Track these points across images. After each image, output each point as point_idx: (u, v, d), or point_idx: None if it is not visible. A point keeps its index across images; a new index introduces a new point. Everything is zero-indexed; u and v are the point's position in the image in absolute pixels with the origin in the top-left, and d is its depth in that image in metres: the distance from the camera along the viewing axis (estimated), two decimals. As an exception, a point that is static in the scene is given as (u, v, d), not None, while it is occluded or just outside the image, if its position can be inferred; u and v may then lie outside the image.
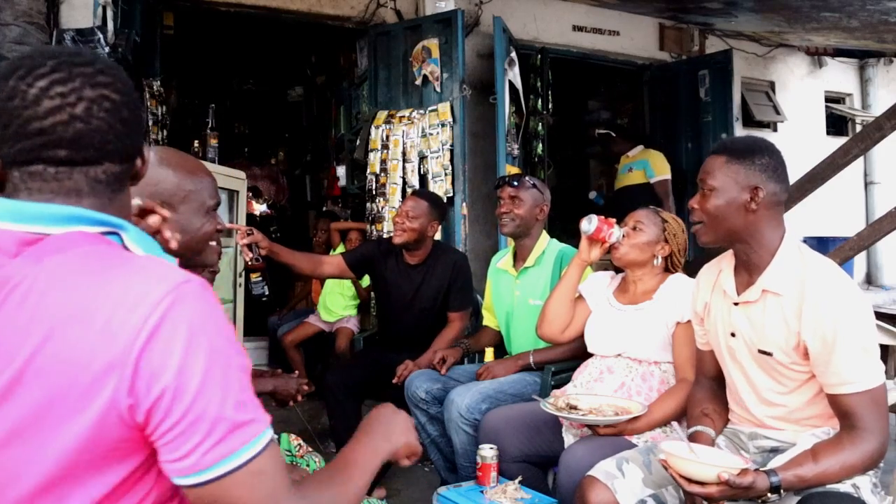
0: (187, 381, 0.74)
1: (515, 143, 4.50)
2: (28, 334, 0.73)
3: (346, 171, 5.18)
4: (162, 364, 0.73)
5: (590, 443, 1.94)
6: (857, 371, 1.45)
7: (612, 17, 5.40)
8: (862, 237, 3.74)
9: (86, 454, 0.74)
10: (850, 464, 1.45)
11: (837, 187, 5.09)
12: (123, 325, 0.73)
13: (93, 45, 3.27)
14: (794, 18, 5.11)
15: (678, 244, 2.21)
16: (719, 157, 1.62)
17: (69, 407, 0.73)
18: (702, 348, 1.85)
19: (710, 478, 1.40)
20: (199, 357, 0.75)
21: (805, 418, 1.61)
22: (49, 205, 0.81)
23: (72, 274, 0.76)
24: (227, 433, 0.75)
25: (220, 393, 0.75)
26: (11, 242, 0.78)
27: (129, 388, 0.73)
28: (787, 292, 1.55)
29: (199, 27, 5.31)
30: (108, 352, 0.73)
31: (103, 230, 0.83)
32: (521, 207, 2.68)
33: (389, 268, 3.10)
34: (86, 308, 0.74)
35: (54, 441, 0.73)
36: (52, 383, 0.73)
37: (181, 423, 0.74)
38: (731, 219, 1.59)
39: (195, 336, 0.75)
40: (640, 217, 2.22)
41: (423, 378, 2.69)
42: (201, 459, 0.75)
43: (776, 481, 1.41)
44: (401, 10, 4.62)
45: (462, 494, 2.05)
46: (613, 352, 2.17)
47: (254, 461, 0.77)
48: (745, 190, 1.57)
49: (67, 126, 0.81)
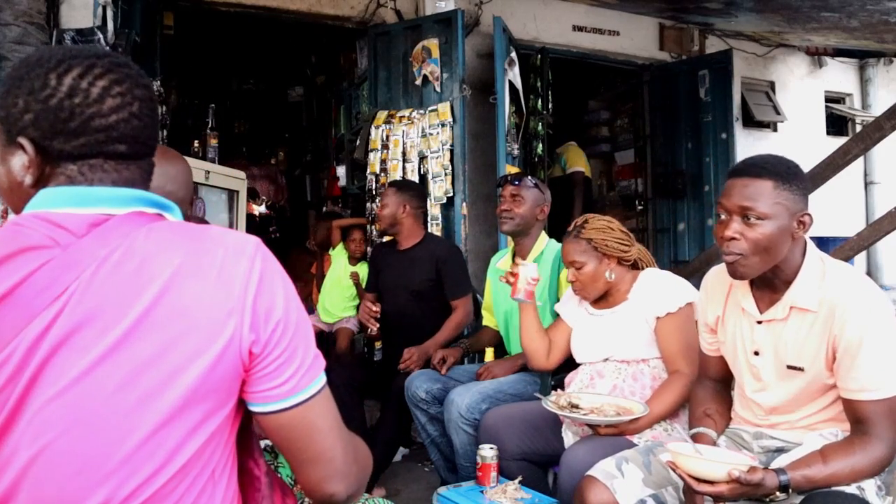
0: (290, 315, 0.88)
1: (515, 143, 4.50)
2: (139, 293, 0.81)
3: (346, 171, 5.18)
4: (272, 303, 0.87)
5: (590, 442, 1.94)
6: (878, 379, 1.44)
7: (612, 17, 5.40)
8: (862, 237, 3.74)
9: (200, 392, 0.83)
10: (860, 468, 1.44)
11: (837, 187, 5.09)
12: (234, 274, 0.85)
13: (93, 46, 3.27)
14: (794, 18, 5.11)
15: (615, 248, 2.15)
16: (765, 182, 1.47)
17: (191, 349, 0.82)
18: (709, 354, 1.82)
19: (720, 476, 1.39)
20: (293, 297, 0.90)
21: (816, 423, 1.60)
22: (114, 188, 0.89)
23: (170, 240, 0.85)
24: (313, 360, 0.90)
25: (307, 327, 0.91)
26: (81, 224, 0.85)
27: (251, 325, 0.85)
28: (815, 306, 1.51)
29: (199, 27, 5.31)
30: (227, 298, 0.84)
31: (157, 211, 0.92)
32: (521, 206, 2.68)
33: (384, 258, 3.26)
34: (196, 264, 0.84)
35: (175, 381, 0.81)
36: (173, 330, 0.81)
37: (287, 351, 0.87)
38: (781, 249, 1.48)
39: (285, 280, 0.90)
40: (571, 256, 2.17)
41: (423, 378, 2.69)
42: (299, 382, 0.88)
43: (785, 480, 1.41)
44: (401, 10, 4.62)
45: (462, 494, 2.05)
46: (600, 357, 2.17)
47: (326, 387, 0.92)
48: (795, 217, 1.48)
49: (128, 123, 0.89)
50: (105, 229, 0.85)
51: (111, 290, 0.81)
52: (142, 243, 0.84)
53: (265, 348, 0.86)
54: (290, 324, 0.88)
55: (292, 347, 0.88)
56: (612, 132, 6.70)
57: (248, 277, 0.86)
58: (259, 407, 0.89)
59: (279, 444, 0.92)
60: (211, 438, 0.85)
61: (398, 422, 2.91)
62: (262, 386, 0.87)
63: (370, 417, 3.15)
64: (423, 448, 2.85)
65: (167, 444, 0.81)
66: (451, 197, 4.05)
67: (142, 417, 0.80)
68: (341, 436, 0.94)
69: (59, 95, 0.85)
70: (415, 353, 2.85)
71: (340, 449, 0.93)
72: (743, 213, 1.48)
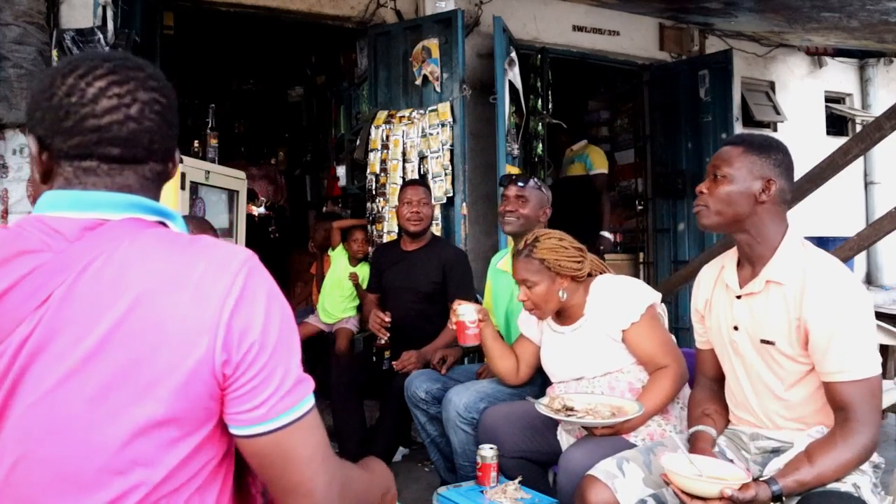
0: (268, 337, 0.84)
1: (515, 143, 4.49)
2: (112, 303, 0.79)
3: (346, 171, 5.17)
4: (249, 322, 0.83)
5: (588, 443, 1.94)
6: (855, 359, 1.47)
7: (612, 17, 5.40)
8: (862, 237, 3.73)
9: (175, 409, 0.80)
10: (845, 460, 1.46)
11: (837, 187, 5.08)
12: (212, 290, 0.82)
13: (93, 45, 3.28)
14: (794, 18, 5.11)
15: (567, 267, 2.11)
16: (737, 148, 1.66)
17: (163, 364, 0.79)
18: (702, 347, 1.86)
19: (713, 494, 1.41)
20: (275, 317, 0.85)
21: (804, 415, 1.61)
22: (109, 192, 0.88)
23: (152, 250, 0.84)
24: (293, 385, 0.85)
25: (289, 349, 0.86)
26: (74, 228, 0.85)
27: (223, 345, 0.81)
28: (789, 281, 1.58)
29: (199, 27, 5.31)
30: (202, 314, 0.81)
31: (158, 219, 0.91)
32: (526, 207, 2.69)
33: (388, 259, 3.25)
34: (174, 277, 0.82)
35: (147, 396, 0.79)
36: (145, 343, 0.79)
37: (261, 374, 0.83)
38: (739, 206, 1.62)
39: (271, 299, 0.85)
40: (523, 276, 2.14)
41: (423, 378, 2.69)
42: (274, 407, 0.84)
43: (777, 490, 1.43)
44: (401, 10, 4.62)
45: (462, 494, 2.05)
46: (573, 376, 2.17)
47: (309, 414, 0.87)
48: (759, 180, 1.61)
49: (122, 125, 0.87)
50: (96, 235, 0.84)
51: (87, 298, 0.80)
52: (124, 251, 0.83)
53: (237, 369, 0.82)
54: (268, 346, 0.83)
55: (268, 370, 0.83)
56: (612, 132, 6.70)
57: (226, 294, 0.82)
58: (234, 429, 0.85)
59: (256, 471, 0.89)
60: (193, 454, 0.83)
61: (398, 422, 2.91)
62: (236, 408, 0.84)
63: (370, 417, 3.15)
64: (423, 448, 2.85)
65: (143, 457, 0.80)
66: (450, 197, 4.05)
67: (114, 430, 0.79)
68: (325, 468, 0.88)
69: (59, 94, 0.86)
70: (413, 356, 2.85)
71: (322, 483, 0.87)
72: (713, 172, 1.67)
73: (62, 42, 3.30)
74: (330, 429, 3.58)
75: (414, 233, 3.13)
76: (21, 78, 3.37)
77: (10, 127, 3.40)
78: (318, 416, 0.89)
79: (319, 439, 0.88)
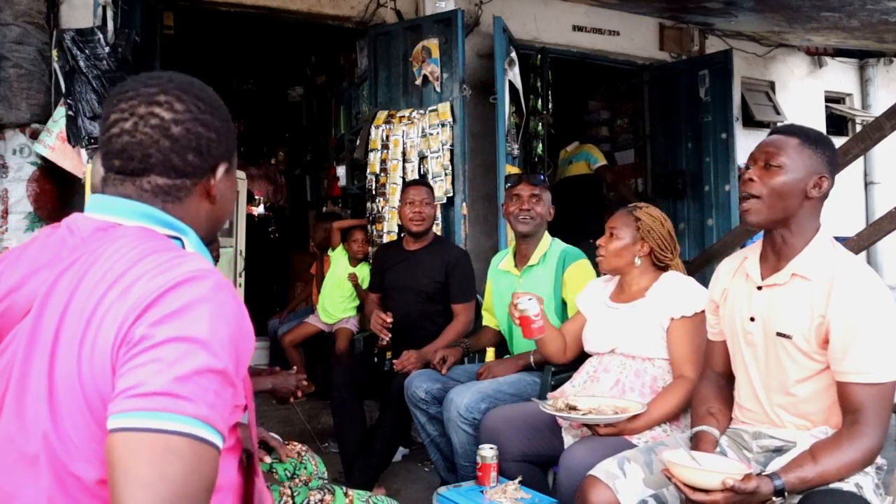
0: (152, 335, 0.78)
1: (515, 143, 4.49)
2: (67, 295, 0.85)
3: (346, 171, 5.18)
4: (146, 318, 0.79)
5: (589, 443, 1.94)
6: (875, 362, 1.47)
7: (612, 17, 5.40)
8: (862, 237, 3.73)
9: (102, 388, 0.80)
10: (849, 461, 1.45)
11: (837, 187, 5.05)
12: (139, 289, 0.81)
13: (92, 46, 3.27)
14: (794, 18, 5.11)
15: (655, 239, 2.19)
16: (792, 139, 1.60)
17: (80, 352, 0.81)
18: (713, 339, 1.85)
19: (715, 485, 1.40)
20: (176, 324, 0.78)
21: (810, 413, 1.61)
22: (123, 199, 0.93)
23: (118, 254, 0.86)
24: (153, 392, 0.75)
25: (171, 359, 0.76)
26: (90, 227, 0.92)
27: (121, 340, 0.79)
28: (816, 277, 1.57)
29: (199, 27, 5.31)
30: (119, 310, 0.80)
31: (169, 232, 0.93)
32: (540, 205, 2.70)
33: (390, 258, 3.26)
34: (118, 274, 0.83)
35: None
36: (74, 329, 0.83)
37: (125, 367, 0.77)
38: (790, 199, 1.58)
39: (186, 307, 0.79)
40: (615, 223, 2.22)
41: (423, 378, 2.69)
42: (121, 403, 0.75)
43: (780, 485, 1.42)
44: (401, 10, 4.61)
45: (462, 494, 2.05)
46: (607, 348, 2.18)
47: (171, 436, 0.73)
48: (813, 175, 1.58)
49: (118, 138, 0.93)
50: (104, 235, 0.91)
51: (59, 293, 0.86)
52: (103, 253, 0.87)
53: (118, 355, 0.79)
54: (148, 341, 0.77)
55: (136, 363, 0.77)
56: (612, 132, 6.70)
57: (152, 291, 0.81)
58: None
59: None
60: None
61: (398, 422, 2.91)
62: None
63: (370, 417, 3.15)
64: (423, 448, 2.85)
65: None
66: (451, 197, 4.05)
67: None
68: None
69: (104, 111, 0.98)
70: (413, 356, 2.84)
71: None
72: (766, 161, 1.59)
73: (62, 42, 3.29)
74: (330, 428, 3.58)
75: (416, 233, 3.14)
76: (21, 78, 3.37)
77: (9, 127, 3.40)
78: (199, 455, 0.75)
79: (179, 476, 0.73)
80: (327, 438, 3.60)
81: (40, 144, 3.36)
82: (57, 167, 3.36)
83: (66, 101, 3.28)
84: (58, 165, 3.35)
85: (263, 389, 1.94)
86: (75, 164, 3.33)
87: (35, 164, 3.42)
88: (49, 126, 3.35)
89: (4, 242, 3.37)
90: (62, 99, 3.32)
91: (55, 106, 3.39)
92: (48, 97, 3.44)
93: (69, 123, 3.25)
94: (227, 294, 0.84)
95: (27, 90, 3.39)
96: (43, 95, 3.44)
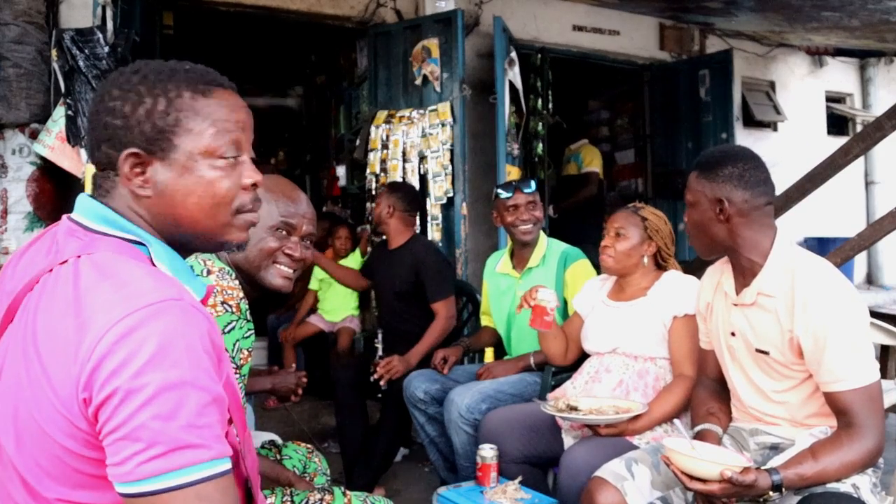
0: (140, 389, 0.73)
1: (515, 143, 4.49)
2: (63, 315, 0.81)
3: (345, 171, 5.18)
4: (122, 365, 0.74)
5: (590, 443, 1.93)
6: (849, 368, 1.47)
7: (612, 17, 5.40)
8: (862, 237, 3.73)
9: (68, 437, 0.78)
10: (850, 461, 1.45)
11: (838, 187, 5.08)
12: (99, 322, 0.76)
13: (92, 45, 3.27)
14: (795, 18, 5.11)
15: (663, 238, 2.20)
16: (693, 173, 1.68)
17: (44, 397, 0.78)
18: (704, 347, 1.86)
19: (713, 475, 1.40)
20: (160, 370, 0.74)
21: (805, 416, 1.61)
22: (95, 202, 0.92)
23: (79, 273, 0.82)
24: (169, 450, 0.73)
25: (171, 410, 0.74)
26: (64, 230, 0.90)
27: (86, 382, 0.75)
28: (779, 293, 1.57)
29: (199, 27, 5.31)
30: (80, 344, 0.76)
31: (128, 237, 0.89)
32: (538, 209, 2.71)
33: (378, 258, 3.32)
34: (76, 301, 0.79)
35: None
36: (26, 360, 0.81)
37: (123, 428, 0.73)
38: (709, 230, 1.64)
39: (163, 349, 0.75)
40: (620, 223, 2.19)
41: (422, 378, 2.68)
42: (137, 469, 0.73)
43: (778, 479, 1.41)
44: (401, 10, 4.61)
45: (462, 494, 2.05)
46: (608, 348, 2.16)
47: (198, 486, 0.74)
48: (713, 203, 1.61)
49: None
50: (75, 242, 0.88)
51: (26, 311, 0.86)
52: (59, 273, 0.85)
53: (97, 414, 0.75)
54: (135, 398, 0.73)
55: (133, 425, 0.73)
56: (613, 132, 6.70)
57: (111, 327, 0.75)
58: (115, 484, 0.77)
59: None
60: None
61: (398, 422, 2.90)
62: (108, 460, 0.76)
63: (371, 418, 3.15)
64: (423, 448, 2.84)
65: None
66: (451, 197, 4.04)
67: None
68: None
69: None
70: (393, 361, 2.82)
71: None
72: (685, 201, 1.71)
73: (61, 42, 3.29)
74: (330, 428, 3.58)
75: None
76: (21, 78, 3.37)
77: (9, 127, 3.40)
78: (222, 490, 0.77)
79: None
80: (327, 438, 3.60)
81: (40, 144, 3.36)
82: (56, 167, 3.36)
83: (65, 101, 3.28)
84: (57, 165, 3.35)
85: (263, 389, 1.94)
86: (74, 163, 3.32)
87: (34, 164, 3.42)
88: (48, 126, 3.35)
89: (4, 242, 3.37)
90: (61, 99, 3.32)
91: (54, 106, 3.39)
92: (47, 97, 3.44)
93: (68, 123, 3.25)
94: (193, 315, 0.80)
95: (27, 90, 3.39)
96: (42, 95, 3.44)
